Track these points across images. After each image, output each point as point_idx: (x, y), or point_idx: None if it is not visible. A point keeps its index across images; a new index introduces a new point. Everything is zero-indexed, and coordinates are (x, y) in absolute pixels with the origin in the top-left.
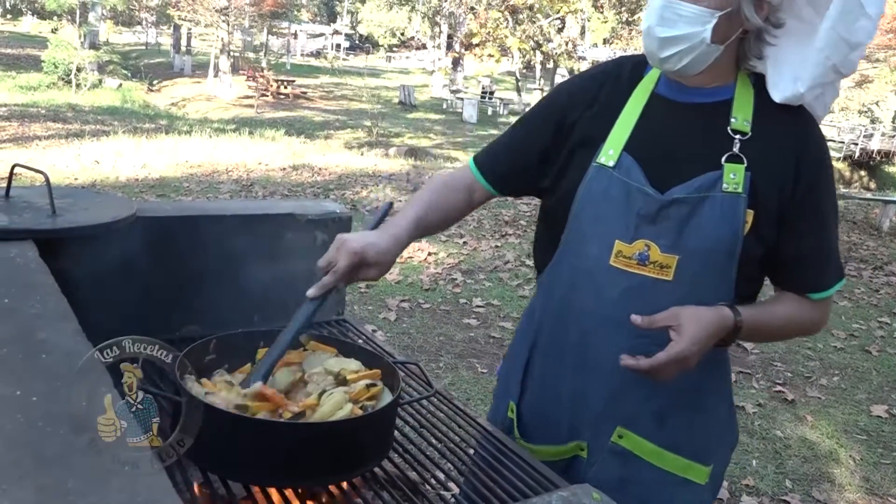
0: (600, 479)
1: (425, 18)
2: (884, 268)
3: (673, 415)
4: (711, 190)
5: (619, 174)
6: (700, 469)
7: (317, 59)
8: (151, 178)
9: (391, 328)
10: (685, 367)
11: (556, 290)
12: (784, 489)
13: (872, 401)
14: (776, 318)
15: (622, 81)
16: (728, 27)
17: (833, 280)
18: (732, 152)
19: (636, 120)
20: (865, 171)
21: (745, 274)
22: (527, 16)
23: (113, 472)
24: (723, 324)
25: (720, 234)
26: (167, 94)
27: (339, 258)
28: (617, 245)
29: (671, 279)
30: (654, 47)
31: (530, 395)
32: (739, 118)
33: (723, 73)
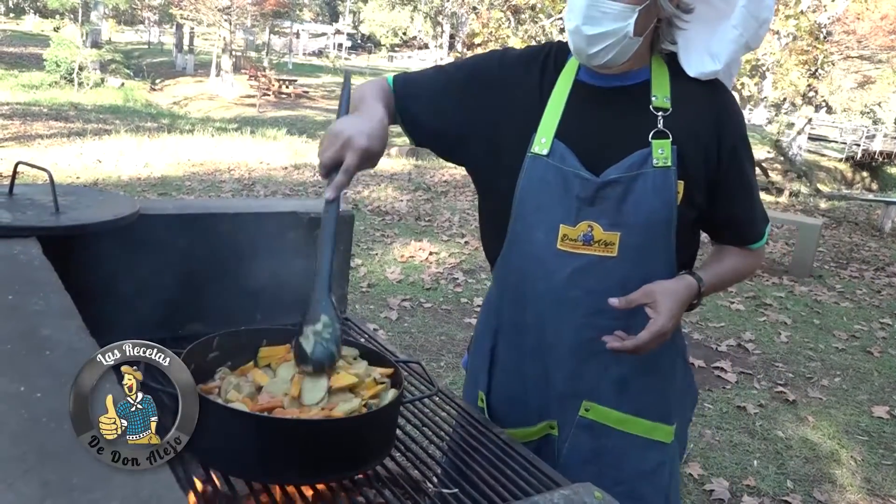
0: (574, 454)
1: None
2: (885, 269)
3: (633, 381)
4: (643, 167)
5: (554, 161)
6: (665, 428)
7: (319, 58)
8: (153, 176)
9: (393, 327)
10: (664, 340)
11: (510, 279)
12: (785, 489)
13: (874, 402)
14: (726, 273)
15: (548, 68)
16: (646, 19)
17: (763, 227)
18: (658, 129)
19: (563, 107)
20: (867, 172)
21: (683, 240)
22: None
23: (117, 468)
24: (690, 293)
25: (656, 206)
26: (169, 93)
27: (346, 154)
28: (562, 229)
29: (616, 255)
30: (583, 45)
31: (497, 382)
32: (659, 96)
33: (639, 59)
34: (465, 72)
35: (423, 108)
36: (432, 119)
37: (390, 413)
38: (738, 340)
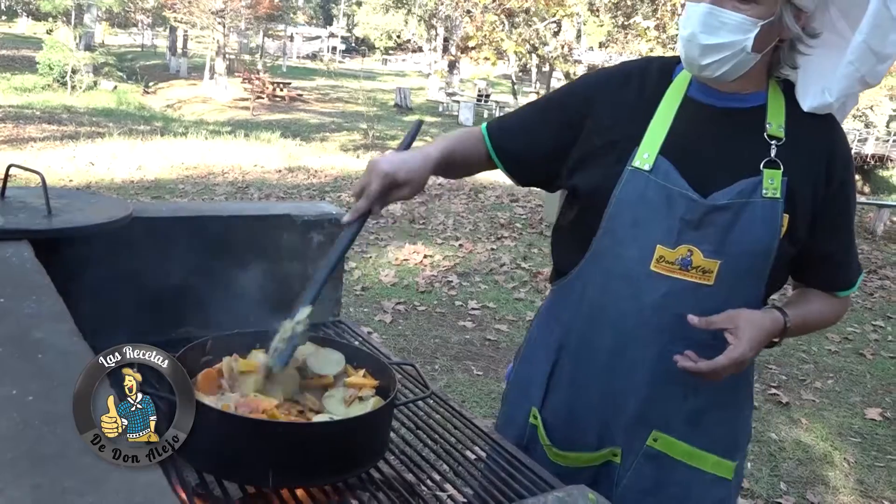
0: (636, 484)
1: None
2: (878, 272)
3: (707, 415)
4: (752, 195)
5: (658, 178)
6: (728, 465)
7: (313, 61)
8: (146, 179)
9: (387, 330)
10: (739, 370)
11: (588, 293)
12: (779, 492)
13: (866, 404)
14: (812, 316)
15: (651, 83)
16: (768, 36)
17: (856, 276)
18: (770, 158)
19: (670, 123)
20: (860, 175)
21: (776, 276)
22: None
23: (110, 471)
24: (775, 327)
25: (760, 238)
26: (163, 96)
27: (371, 181)
28: (658, 250)
29: (712, 283)
30: (696, 54)
31: (556, 399)
32: (774, 124)
33: (756, 80)
34: (562, 96)
35: (519, 143)
36: (528, 149)
37: (384, 416)
38: None
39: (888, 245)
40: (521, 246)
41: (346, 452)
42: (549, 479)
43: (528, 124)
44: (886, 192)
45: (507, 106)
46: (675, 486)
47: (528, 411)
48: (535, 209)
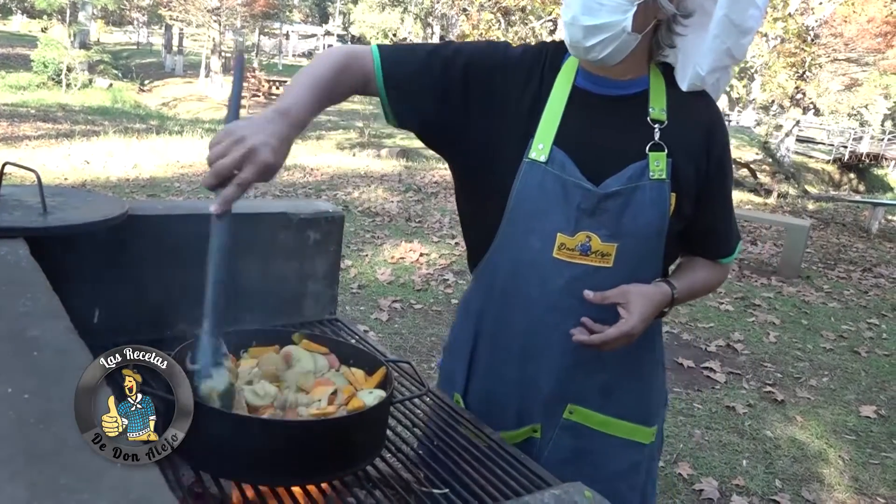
0: (555, 454)
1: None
2: (872, 269)
3: (617, 386)
4: (641, 179)
5: (553, 169)
6: (645, 431)
7: (309, 59)
8: (142, 178)
9: (383, 328)
10: (629, 342)
11: (497, 281)
12: (774, 489)
13: (861, 401)
14: (697, 284)
15: (546, 70)
16: (645, 16)
17: (735, 242)
18: (654, 141)
19: (561, 113)
20: (854, 173)
21: (669, 251)
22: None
23: (106, 469)
24: (664, 299)
25: (651, 219)
26: (158, 94)
27: (245, 168)
28: (559, 238)
29: (611, 266)
30: (580, 36)
31: (476, 384)
32: (657, 108)
33: (637, 65)
34: (463, 64)
35: (414, 96)
36: (423, 108)
37: (380, 413)
38: (727, 341)
39: (883, 243)
40: None
41: (342, 450)
42: (547, 477)
43: (427, 66)
44: (881, 191)
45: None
46: (592, 454)
47: (452, 398)
48: None
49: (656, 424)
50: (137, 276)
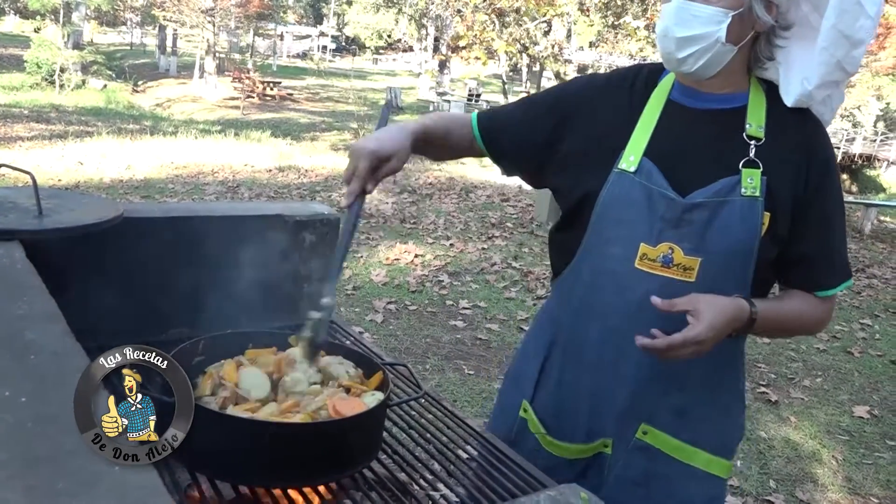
0: (626, 475)
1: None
2: (865, 270)
3: (693, 410)
4: (731, 194)
5: (641, 179)
6: (723, 463)
7: (303, 60)
8: (136, 179)
9: (378, 330)
10: (699, 352)
11: (577, 290)
12: (768, 489)
13: (854, 401)
14: (786, 313)
15: (638, 87)
16: (741, 27)
17: (839, 279)
18: (749, 157)
19: (654, 126)
20: (847, 174)
21: (760, 276)
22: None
23: (103, 473)
24: (739, 314)
25: (740, 236)
26: (152, 95)
27: (358, 162)
28: (642, 248)
29: (694, 280)
30: (672, 48)
31: (545, 393)
32: (754, 124)
33: (735, 79)
34: (552, 96)
35: (510, 137)
36: (515, 139)
37: (377, 416)
38: None
39: (875, 244)
40: (512, 245)
41: (339, 452)
42: (542, 478)
43: (517, 116)
44: (874, 192)
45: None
46: (664, 479)
47: (519, 404)
48: (525, 209)
49: (731, 459)
50: (134, 279)
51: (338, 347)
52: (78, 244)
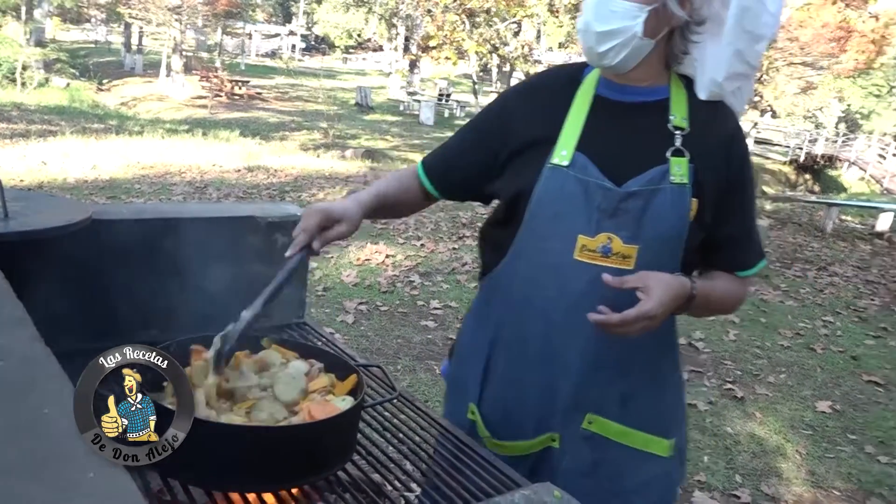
0: (574, 466)
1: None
2: (827, 268)
3: (636, 395)
4: (661, 182)
5: (575, 172)
6: (662, 442)
7: (272, 59)
8: (101, 179)
9: (349, 331)
10: (649, 327)
11: (515, 287)
12: (734, 484)
13: (817, 397)
14: (718, 291)
15: (563, 86)
16: (657, 22)
17: (757, 259)
18: (676, 147)
19: (584, 121)
20: (810, 174)
21: (688, 260)
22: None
23: (78, 480)
24: (682, 291)
25: (672, 222)
26: (117, 94)
27: (308, 218)
28: (580, 240)
29: (632, 268)
30: (593, 42)
31: (492, 393)
32: (678, 116)
33: (655, 73)
34: (485, 115)
35: (460, 172)
36: (467, 177)
37: (351, 418)
38: (689, 339)
39: (837, 242)
40: None
41: (314, 455)
42: (516, 478)
43: (459, 148)
44: (835, 191)
45: (468, 105)
46: (611, 466)
47: (465, 408)
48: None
49: (674, 437)
50: (104, 281)
51: (311, 350)
52: (46, 247)
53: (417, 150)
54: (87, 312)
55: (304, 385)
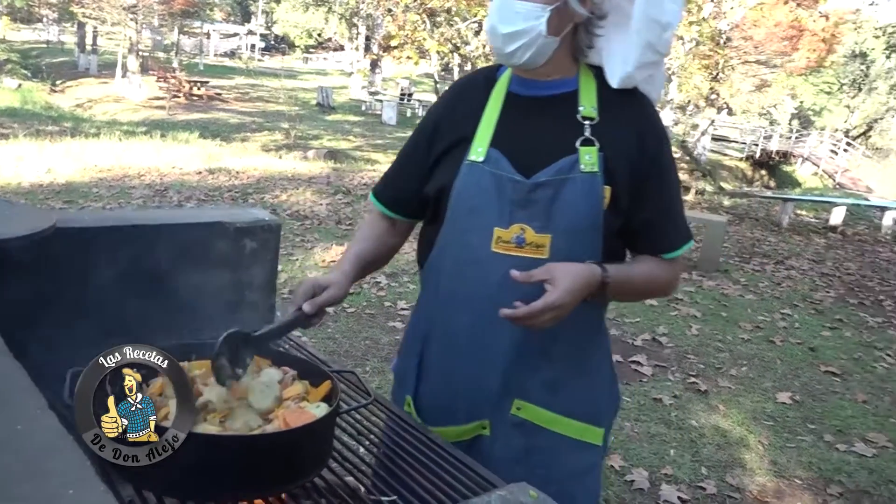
0: (505, 453)
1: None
2: (784, 262)
3: (564, 382)
4: (571, 171)
5: (489, 167)
6: (595, 431)
7: (231, 59)
8: (57, 183)
9: (316, 333)
10: (559, 316)
11: (442, 281)
12: (700, 476)
13: (777, 388)
14: (637, 276)
15: (479, 88)
16: (559, 20)
17: (681, 241)
18: (585, 136)
19: (497, 118)
20: (766, 170)
21: (610, 248)
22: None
23: (55, 498)
24: (591, 278)
25: (584, 210)
26: (72, 95)
27: (298, 288)
28: (496, 232)
29: (547, 257)
30: (500, 43)
31: (426, 385)
32: (587, 106)
33: (564, 67)
34: (420, 127)
35: (409, 188)
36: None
37: (327, 424)
38: (653, 335)
39: (793, 237)
40: None
41: (290, 463)
42: (492, 478)
43: (398, 167)
44: (790, 187)
45: (429, 104)
46: (542, 453)
47: (404, 400)
48: None
49: (605, 426)
50: (69, 292)
51: (284, 357)
52: (7, 258)
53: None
54: (53, 323)
55: (278, 393)
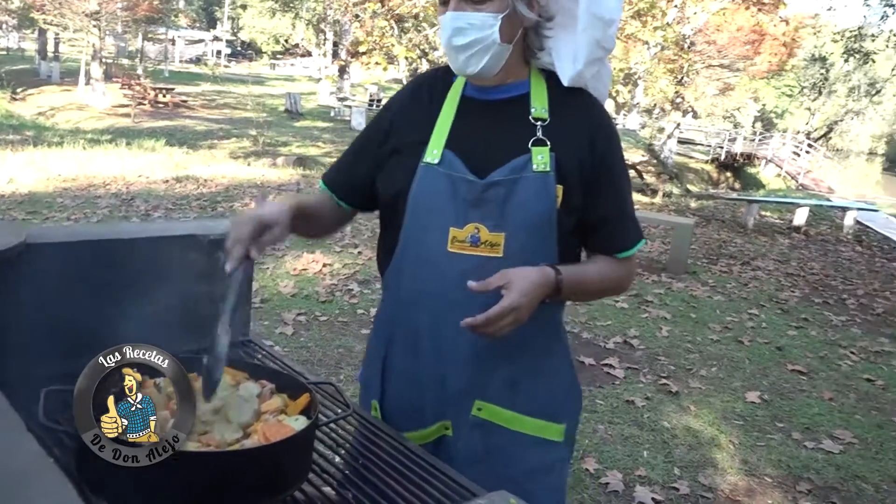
0: (467, 453)
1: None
2: (751, 263)
3: (523, 381)
4: (523, 171)
5: (444, 169)
6: (554, 427)
7: (197, 65)
8: (20, 193)
9: (289, 343)
10: (518, 320)
11: (403, 283)
12: (673, 477)
13: (746, 388)
14: (591, 276)
15: (436, 89)
16: (510, 27)
17: (634, 240)
18: (537, 137)
19: (452, 121)
20: (731, 172)
21: (566, 246)
22: (413, 24)
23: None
24: (546, 280)
25: (536, 209)
26: (33, 103)
27: (240, 227)
28: (451, 231)
29: (502, 255)
30: (455, 55)
31: (391, 389)
32: (538, 107)
33: (516, 71)
34: (374, 121)
35: (349, 177)
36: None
37: (306, 437)
38: (624, 337)
39: (758, 238)
40: None
41: (270, 477)
42: (471, 487)
43: (349, 158)
44: (754, 188)
45: None
46: (502, 451)
47: (370, 406)
48: None
49: (565, 422)
50: (42, 308)
51: (262, 370)
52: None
53: None
54: (25, 340)
55: (256, 407)
